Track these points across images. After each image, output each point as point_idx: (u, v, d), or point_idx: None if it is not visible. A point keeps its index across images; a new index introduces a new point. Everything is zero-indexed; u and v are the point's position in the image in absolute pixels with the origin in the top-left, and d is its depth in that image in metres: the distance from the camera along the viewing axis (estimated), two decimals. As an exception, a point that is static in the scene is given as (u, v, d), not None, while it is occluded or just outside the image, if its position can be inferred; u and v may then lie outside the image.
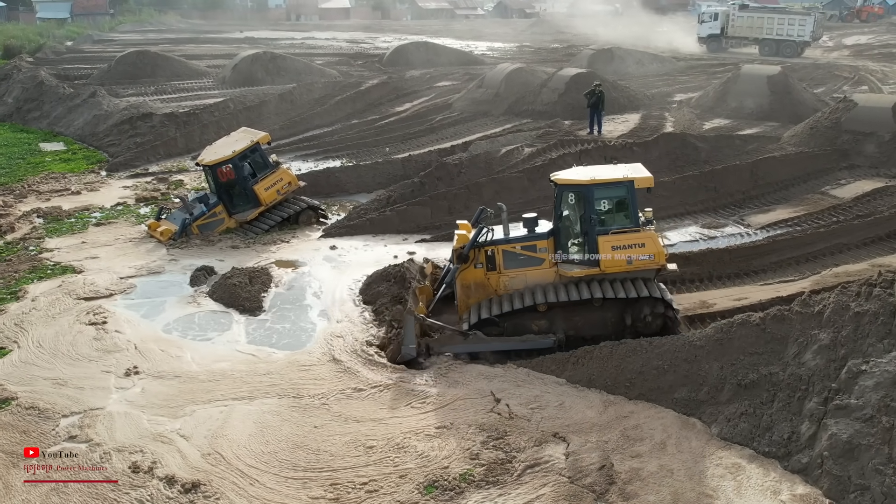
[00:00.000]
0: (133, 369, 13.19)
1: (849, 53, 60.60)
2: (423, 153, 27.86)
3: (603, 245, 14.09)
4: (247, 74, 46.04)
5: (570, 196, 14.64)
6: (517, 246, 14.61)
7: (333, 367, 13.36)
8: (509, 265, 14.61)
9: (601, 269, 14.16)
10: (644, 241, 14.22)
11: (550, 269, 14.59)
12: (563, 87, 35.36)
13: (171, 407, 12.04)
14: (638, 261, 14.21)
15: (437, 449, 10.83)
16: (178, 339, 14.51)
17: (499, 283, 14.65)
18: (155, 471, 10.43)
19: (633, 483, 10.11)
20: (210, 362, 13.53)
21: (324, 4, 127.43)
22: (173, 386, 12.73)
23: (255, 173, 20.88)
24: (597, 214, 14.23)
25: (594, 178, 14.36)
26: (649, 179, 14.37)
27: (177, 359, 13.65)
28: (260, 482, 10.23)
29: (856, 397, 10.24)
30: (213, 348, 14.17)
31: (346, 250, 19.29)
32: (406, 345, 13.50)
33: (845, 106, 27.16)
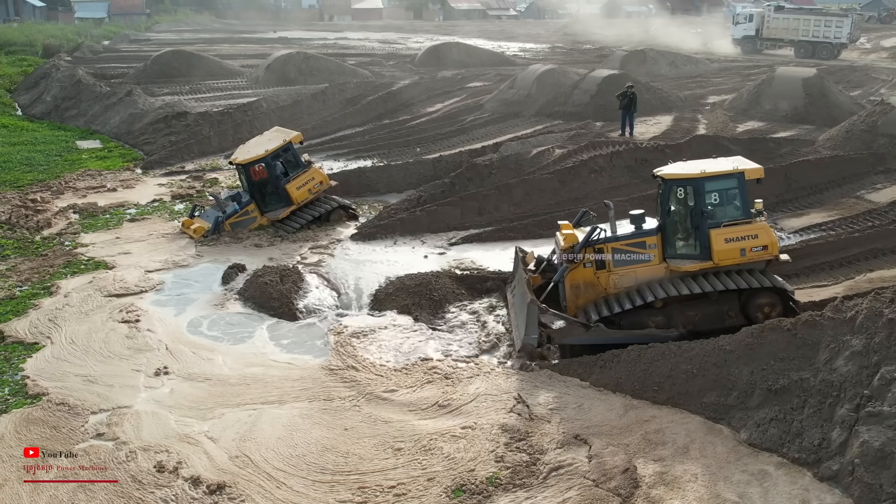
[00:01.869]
0: (163, 369, 13.32)
1: (887, 55, 59.67)
2: (454, 154, 27.87)
3: (715, 238, 14.10)
4: (280, 74, 46.43)
5: (679, 191, 14.62)
6: (626, 243, 14.57)
7: (364, 369, 13.41)
8: (619, 263, 14.55)
9: (715, 262, 14.16)
10: (757, 233, 14.25)
11: (660, 265, 14.55)
12: (594, 88, 35.24)
13: (200, 409, 12.13)
14: (752, 252, 14.22)
15: (463, 451, 10.83)
16: (209, 341, 14.60)
17: (608, 282, 14.59)
18: (180, 471, 10.50)
19: (657, 487, 10.05)
20: (241, 366, 13.58)
21: (357, 5, 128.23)
22: (203, 388, 12.82)
23: (287, 172, 21.06)
24: (708, 208, 14.22)
25: (704, 171, 14.39)
26: (759, 170, 14.48)
27: (207, 361, 13.73)
28: (287, 485, 10.26)
29: (889, 404, 10.09)
30: (244, 351, 14.24)
31: (375, 251, 19.41)
32: (528, 335, 13.51)
33: (882, 109, 26.77)
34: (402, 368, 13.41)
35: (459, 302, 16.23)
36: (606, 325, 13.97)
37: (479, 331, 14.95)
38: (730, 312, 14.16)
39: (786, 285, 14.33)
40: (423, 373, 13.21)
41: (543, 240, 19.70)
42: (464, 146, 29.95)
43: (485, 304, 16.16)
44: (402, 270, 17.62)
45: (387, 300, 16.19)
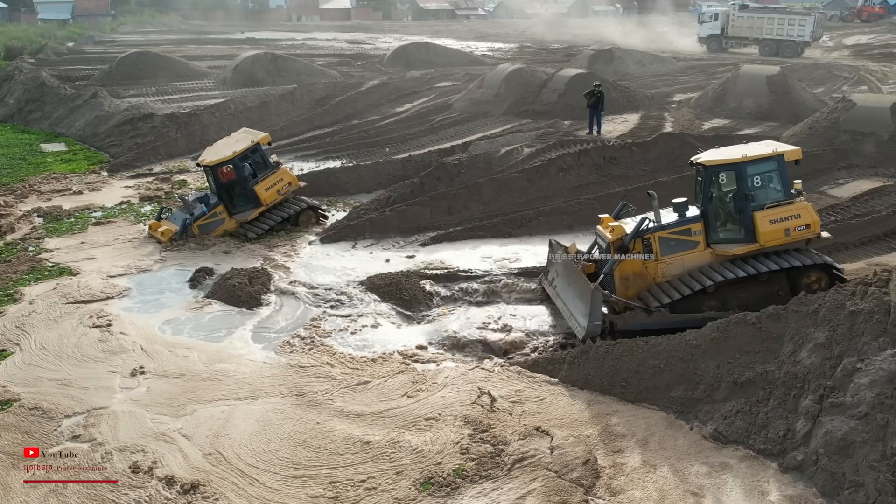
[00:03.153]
0: (139, 369, 13.26)
1: (849, 53, 60.63)
2: (423, 153, 27.92)
3: (760, 220, 14.41)
4: (248, 75, 46.18)
5: (721, 176, 14.89)
6: (672, 231, 14.78)
7: (337, 364, 13.50)
8: (665, 251, 14.74)
9: (761, 244, 14.49)
10: (799, 212, 14.65)
11: (706, 251, 14.79)
12: (562, 87, 35.45)
13: (173, 406, 12.12)
14: (795, 231, 14.61)
15: (430, 443, 10.96)
16: (184, 339, 14.59)
17: (657, 271, 14.76)
18: (155, 471, 10.47)
19: (617, 478, 10.22)
20: (213, 363, 13.58)
21: (325, 5, 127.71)
22: (177, 384, 12.80)
23: (255, 174, 20.92)
24: (751, 191, 14.55)
25: (745, 155, 14.71)
26: (797, 152, 14.91)
27: (182, 358, 13.71)
28: (260, 481, 10.28)
29: (851, 395, 10.30)
30: (217, 349, 14.21)
31: (345, 251, 19.41)
32: (592, 322, 13.62)
33: (844, 106, 27.22)
34: (374, 361, 13.56)
35: (430, 300, 16.25)
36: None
37: (448, 328, 14.96)
38: (779, 292, 14.46)
39: (829, 259, 14.82)
40: (395, 365, 13.37)
41: (513, 238, 19.88)
42: (433, 146, 30.01)
43: (455, 301, 16.19)
44: (372, 270, 17.65)
45: (358, 299, 16.21)
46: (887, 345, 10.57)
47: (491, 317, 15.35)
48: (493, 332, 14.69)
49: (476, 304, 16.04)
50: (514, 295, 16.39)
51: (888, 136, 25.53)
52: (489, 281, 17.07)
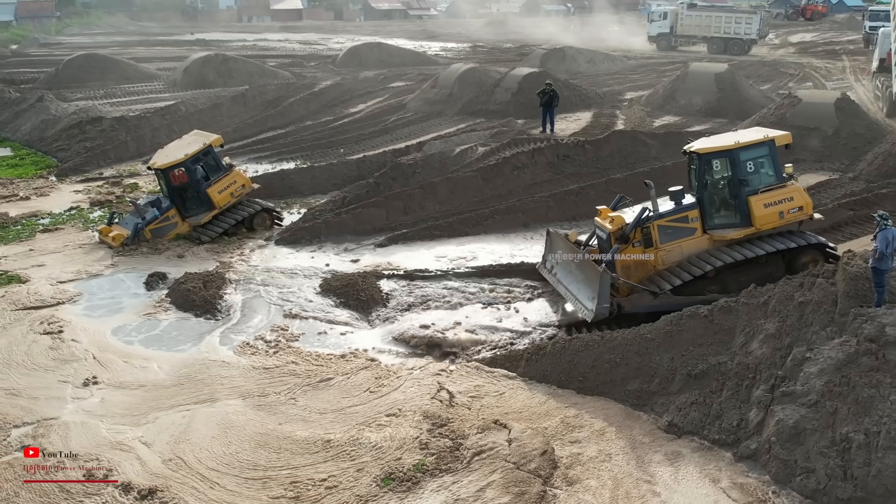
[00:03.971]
0: (91, 379, 13.01)
1: (794, 51, 61.88)
2: (378, 154, 27.86)
3: (755, 204, 14.89)
4: (198, 77, 45.62)
5: (715, 163, 15.26)
6: (670, 219, 15.10)
7: (302, 362, 13.53)
8: (665, 239, 15.04)
9: (757, 228, 14.92)
10: (792, 195, 15.15)
11: (703, 237, 15.17)
12: (515, 86, 35.61)
13: (133, 415, 11.94)
14: (789, 214, 15.12)
15: (390, 439, 11.03)
16: (138, 348, 14.35)
17: (657, 258, 15.04)
18: (110, 478, 10.32)
19: (574, 468, 10.41)
20: (174, 369, 13.40)
21: (276, 6, 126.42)
22: (136, 394, 12.60)
23: (208, 176, 20.67)
24: (745, 176, 14.94)
25: (738, 141, 15.16)
26: (787, 136, 15.45)
27: (139, 368, 13.48)
28: (220, 485, 10.22)
29: (801, 384, 10.55)
30: (174, 355, 14.04)
31: (300, 253, 19.31)
32: (600, 304, 13.86)
33: (790, 102, 27.78)
34: (341, 358, 13.64)
35: (388, 300, 16.23)
36: None
37: (406, 327, 14.98)
38: (777, 273, 14.70)
39: (823, 239, 15.38)
40: (359, 361, 13.47)
41: (469, 237, 19.94)
42: (387, 146, 29.95)
43: (412, 301, 16.19)
44: (329, 271, 17.59)
45: (315, 301, 16.14)
46: (835, 334, 10.87)
47: (448, 315, 15.40)
48: (450, 329, 14.72)
49: (434, 303, 16.04)
50: (471, 293, 16.44)
51: (832, 131, 26.11)
52: (446, 280, 17.11)
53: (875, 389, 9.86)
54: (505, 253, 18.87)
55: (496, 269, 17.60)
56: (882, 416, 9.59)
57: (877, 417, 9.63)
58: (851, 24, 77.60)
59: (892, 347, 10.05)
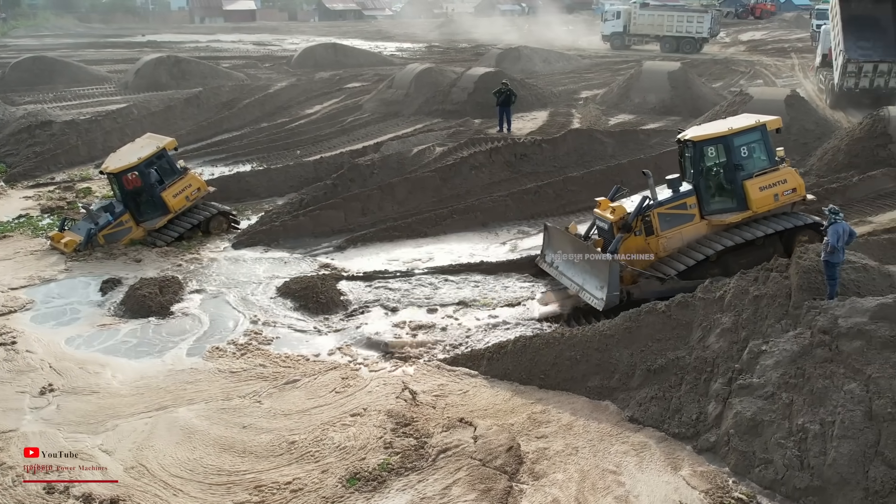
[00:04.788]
0: (48, 387, 12.72)
1: (745, 49, 62.97)
2: (335, 155, 27.70)
3: (751, 188, 15.34)
4: (150, 79, 44.90)
5: (709, 150, 15.67)
6: (669, 207, 15.44)
7: (269, 364, 13.45)
8: (665, 227, 15.39)
9: (753, 211, 15.36)
10: (785, 177, 15.72)
11: (702, 223, 15.62)
12: (472, 86, 35.69)
13: (90, 423, 11.70)
14: (784, 196, 15.67)
15: (353, 439, 11.00)
16: (95, 355, 14.05)
17: (658, 246, 15.36)
18: (71, 489, 10.11)
19: (540, 462, 10.47)
20: (129, 375, 13.18)
21: (228, 6, 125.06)
22: (92, 402, 12.35)
23: (162, 180, 20.35)
24: (740, 161, 15.35)
25: (731, 128, 15.61)
26: (778, 121, 16.13)
27: (95, 374, 13.22)
28: (184, 492, 10.09)
29: (757, 376, 10.73)
30: (130, 362, 13.78)
31: (258, 256, 19.09)
32: (610, 292, 14.21)
33: (742, 99, 28.20)
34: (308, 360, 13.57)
35: (347, 303, 16.13)
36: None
37: (369, 326, 14.95)
38: (775, 254, 14.95)
39: (818, 219, 15.73)
40: (326, 363, 13.44)
41: (428, 237, 19.92)
42: (344, 147, 29.79)
43: (373, 300, 16.12)
44: (288, 274, 17.44)
45: (274, 304, 16.02)
46: (789, 326, 11.07)
47: (410, 314, 15.40)
48: (412, 329, 14.72)
49: (393, 305, 15.99)
50: (431, 292, 16.42)
51: (783, 127, 26.55)
52: (406, 280, 17.08)
53: (829, 380, 10.06)
54: (464, 252, 18.91)
55: (456, 268, 17.62)
56: (836, 406, 9.79)
57: (831, 407, 9.82)
58: (799, 23, 79.27)
59: (844, 339, 10.26)
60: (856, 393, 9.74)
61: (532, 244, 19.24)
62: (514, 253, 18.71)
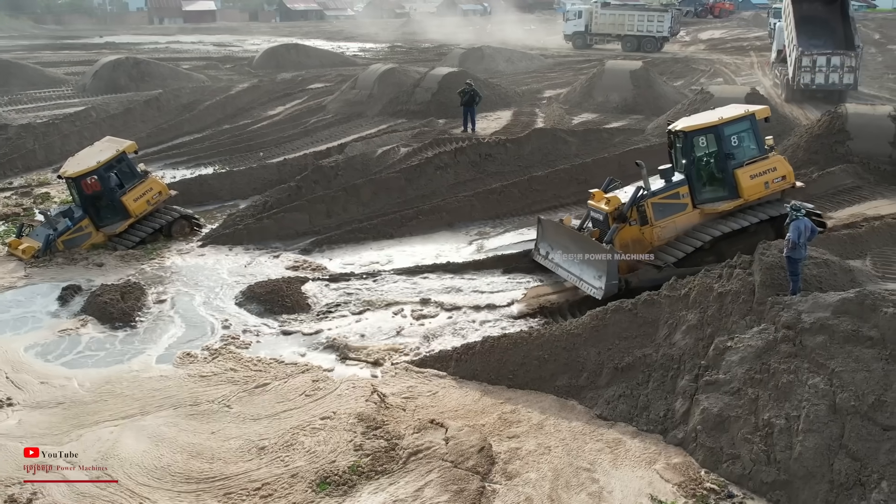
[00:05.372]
0: (6, 401, 12.38)
1: (704, 47, 63.71)
2: (299, 157, 27.51)
3: (742, 176, 15.69)
4: (109, 81, 44.17)
5: (700, 140, 15.91)
6: (663, 196, 15.67)
7: (241, 368, 13.29)
8: (659, 216, 15.69)
9: (745, 199, 15.65)
10: (775, 165, 16.07)
11: (695, 212, 15.91)
12: (435, 86, 35.64)
13: (54, 434, 11.43)
14: (774, 183, 16.00)
15: (323, 443, 10.91)
16: (55, 365, 13.73)
17: (653, 235, 15.64)
18: (34, 503, 9.89)
19: (513, 462, 10.46)
20: (93, 384, 12.90)
21: (188, 7, 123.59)
22: (56, 413, 12.07)
23: (122, 184, 19.99)
24: (731, 150, 15.64)
25: (722, 117, 15.88)
26: (766, 110, 16.58)
27: (58, 386, 12.90)
28: (152, 500, 9.92)
29: (723, 372, 10.83)
30: (93, 370, 13.50)
31: (221, 260, 18.85)
32: (609, 281, 14.45)
33: (703, 97, 28.52)
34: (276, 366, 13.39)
35: (313, 306, 16.00)
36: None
37: (336, 329, 14.83)
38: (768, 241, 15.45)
39: (808, 205, 15.94)
40: (294, 368, 13.27)
41: (394, 239, 19.86)
42: (308, 148, 29.59)
43: (339, 303, 16.01)
44: (252, 278, 17.25)
45: (239, 308, 15.88)
46: (754, 322, 11.19)
47: (376, 316, 15.34)
48: (379, 330, 14.65)
49: (359, 307, 15.88)
50: (398, 293, 16.34)
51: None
52: (372, 282, 16.99)
53: (794, 375, 10.17)
54: (430, 253, 18.87)
55: (422, 268, 17.57)
56: (801, 400, 9.90)
57: (796, 402, 9.93)
58: (757, 21, 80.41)
59: (808, 334, 10.38)
60: (820, 387, 9.86)
61: (498, 244, 19.30)
62: (479, 253, 18.70)
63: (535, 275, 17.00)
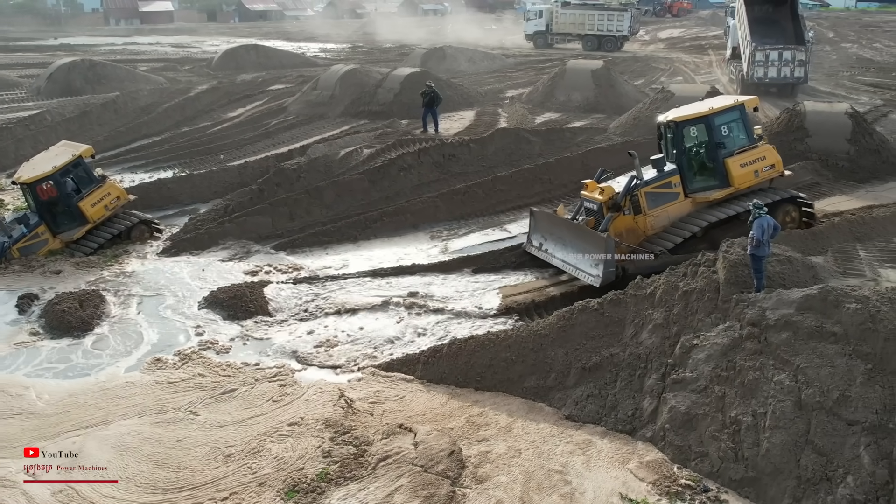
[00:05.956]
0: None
1: (664, 46, 64.43)
2: (260, 159, 27.20)
3: (732, 165, 16.11)
4: (64, 84, 43.30)
5: (691, 130, 16.23)
6: (656, 186, 15.94)
7: (207, 374, 13.10)
8: (652, 205, 16.03)
9: (736, 187, 16.15)
10: (764, 154, 16.48)
11: (686, 201, 16.31)
12: (398, 86, 35.50)
13: (12, 447, 11.10)
14: (763, 172, 16.43)
15: (291, 450, 10.75)
16: (13, 374, 13.40)
17: (646, 224, 15.90)
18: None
19: (483, 466, 10.38)
20: (55, 394, 12.59)
21: (145, 8, 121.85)
22: (13, 424, 11.75)
23: (79, 189, 19.62)
24: (722, 140, 15.97)
25: (712, 108, 16.29)
26: (755, 100, 17.05)
27: (15, 396, 12.57)
28: (117, 512, 9.66)
29: (690, 370, 10.87)
30: (53, 380, 13.20)
31: (183, 265, 18.54)
32: (607, 269, 14.69)
33: (664, 96, 28.75)
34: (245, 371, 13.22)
35: (277, 307, 15.80)
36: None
37: (299, 334, 14.67)
38: None
39: (796, 192, 16.82)
40: (263, 373, 13.11)
41: (359, 241, 19.71)
42: (269, 151, 29.27)
43: (302, 307, 15.82)
44: (215, 283, 16.99)
45: (201, 313, 15.63)
46: (719, 320, 11.24)
47: (341, 320, 15.18)
48: (345, 334, 14.50)
49: (324, 310, 15.71)
50: (362, 296, 16.20)
51: (703, 123, 27.21)
52: (337, 285, 16.82)
53: (759, 372, 10.24)
54: (395, 254, 18.74)
55: (387, 270, 17.44)
56: (767, 397, 9.96)
57: (762, 399, 9.99)
58: (715, 20, 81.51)
59: (772, 331, 10.45)
60: (785, 384, 9.93)
61: (463, 244, 19.23)
62: (445, 254, 18.61)
63: (501, 274, 16.97)
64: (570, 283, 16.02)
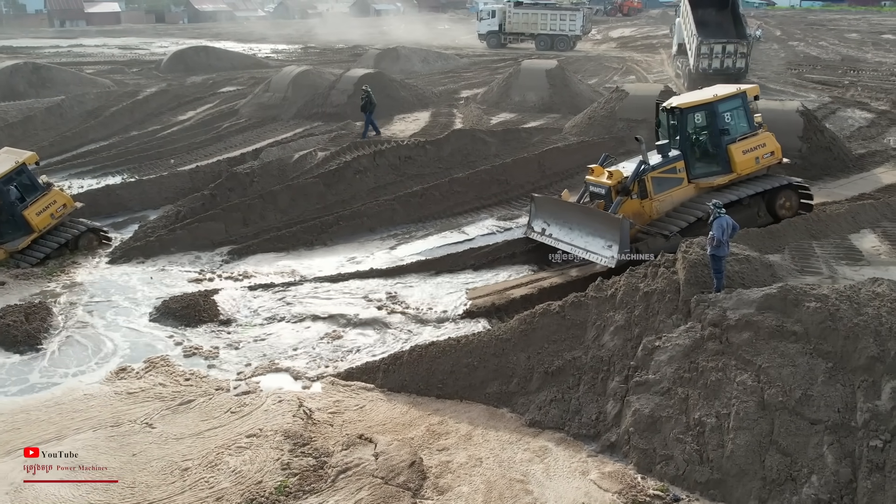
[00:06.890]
0: None
1: (615, 46, 65.01)
2: (212, 163, 26.67)
3: (735, 151, 16.62)
4: (6, 88, 41.98)
5: (696, 117, 16.71)
6: (662, 171, 16.48)
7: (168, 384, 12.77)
8: (658, 190, 16.44)
9: (738, 173, 16.69)
10: (765, 142, 17.05)
11: (690, 186, 16.77)
12: (351, 88, 35.10)
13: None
14: (764, 159, 17.01)
15: (249, 462, 10.47)
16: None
17: (652, 209, 16.47)
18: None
19: (444, 476, 10.21)
20: (2, 412, 12.10)
21: (91, 9, 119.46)
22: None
23: (23, 197, 19.00)
24: (725, 126, 16.61)
25: (716, 95, 16.90)
26: (756, 89, 17.55)
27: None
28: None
29: (653, 372, 10.81)
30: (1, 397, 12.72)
31: (133, 275, 18.03)
32: (622, 249, 14.93)
33: (618, 96, 28.89)
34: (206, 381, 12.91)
35: (232, 316, 15.44)
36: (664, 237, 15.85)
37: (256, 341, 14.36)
38: (759, 213, 16.74)
39: (794, 179, 17.32)
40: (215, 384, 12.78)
41: (315, 246, 19.45)
42: (221, 154, 28.73)
43: (257, 314, 15.48)
44: (167, 292, 16.54)
45: (153, 324, 15.21)
46: (680, 321, 11.21)
47: (299, 328, 14.91)
48: (303, 342, 14.24)
49: (282, 317, 15.40)
50: (320, 303, 15.92)
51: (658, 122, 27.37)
52: (291, 292, 16.51)
53: (722, 373, 10.21)
54: (352, 259, 18.46)
55: (345, 276, 17.19)
56: (730, 398, 9.94)
57: (725, 400, 9.97)
58: (665, 19, 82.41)
59: (733, 331, 10.43)
60: (748, 384, 9.92)
61: (422, 247, 19.05)
62: (404, 257, 18.39)
63: (461, 276, 16.85)
64: (531, 286, 15.94)
